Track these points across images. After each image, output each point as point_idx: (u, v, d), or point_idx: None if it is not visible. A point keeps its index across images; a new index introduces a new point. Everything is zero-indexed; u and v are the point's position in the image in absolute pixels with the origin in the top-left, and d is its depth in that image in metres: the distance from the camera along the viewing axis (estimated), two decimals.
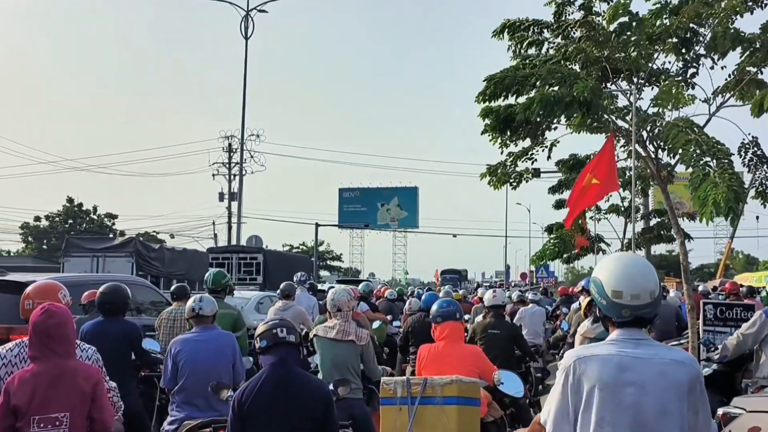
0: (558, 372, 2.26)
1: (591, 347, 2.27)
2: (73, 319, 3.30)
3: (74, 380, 3.10)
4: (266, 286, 19.96)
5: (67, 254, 17.27)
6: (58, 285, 3.87)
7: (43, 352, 3.11)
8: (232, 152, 35.09)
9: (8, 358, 3.42)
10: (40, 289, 3.80)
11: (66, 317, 3.21)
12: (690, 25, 9.40)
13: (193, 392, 4.48)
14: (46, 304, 3.23)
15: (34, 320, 3.15)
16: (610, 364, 2.16)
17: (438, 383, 4.05)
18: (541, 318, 11.72)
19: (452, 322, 4.71)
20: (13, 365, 3.38)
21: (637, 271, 2.23)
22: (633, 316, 2.21)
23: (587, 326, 5.87)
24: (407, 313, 10.34)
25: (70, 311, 3.41)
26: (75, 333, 3.31)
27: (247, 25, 29.24)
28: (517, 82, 9.51)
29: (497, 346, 6.40)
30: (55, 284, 3.89)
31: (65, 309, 3.29)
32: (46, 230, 58.78)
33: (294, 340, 3.30)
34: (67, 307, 3.83)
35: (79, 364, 3.24)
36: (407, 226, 62.93)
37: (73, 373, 3.12)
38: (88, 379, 3.15)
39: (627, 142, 12.56)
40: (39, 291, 3.78)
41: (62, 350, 3.13)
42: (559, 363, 2.28)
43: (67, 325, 3.19)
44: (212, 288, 6.45)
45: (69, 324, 3.21)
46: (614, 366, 2.16)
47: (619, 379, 2.14)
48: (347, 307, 5.08)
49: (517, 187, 12.63)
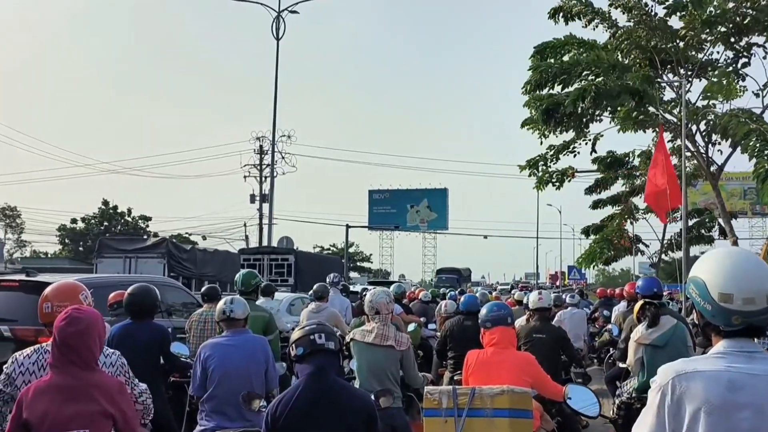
0: (651, 390, 1.88)
1: (693, 361, 1.88)
2: (100, 324, 2.96)
3: (94, 395, 2.78)
4: (298, 288, 19.78)
5: (100, 255, 17.34)
6: (78, 286, 3.57)
7: (62, 362, 2.81)
8: (263, 154, 35.08)
9: (26, 365, 3.17)
10: (59, 290, 3.51)
11: (90, 324, 2.88)
12: (745, 10, 8.93)
13: (223, 400, 4.19)
14: (70, 309, 2.92)
15: (57, 327, 2.86)
16: (720, 382, 1.79)
17: (487, 393, 3.70)
18: (582, 321, 11.29)
19: (503, 327, 4.36)
20: (31, 373, 3.12)
21: (750, 270, 1.84)
22: (745, 324, 1.83)
23: (642, 331, 5.45)
24: (442, 315, 10.00)
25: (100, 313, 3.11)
26: (101, 341, 2.96)
27: (279, 26, 29.17)
28: (564, 70, 9.15)
29: (543, 352, 6.00)
30: (75, 285, 3.59)
31: (91, 314, 2.96)
32: (83, 232, 59.75)
33: (333, 347, 2.98)
34: None
35: (101, 378, 2.90)
36: (437, 227, 62.40)
37: (94, 388, 2.80)
38: (109, 393, 2.83)
39: (674, 136, 12.06)
40: (58, 293, 3.49)
41: (83, 361, 2.82)
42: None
43: (89, 334, 2.86)
44: (242, 289, 6.23)
45: (92, 332, 2.88)
46: (724, 385, 1.78)
47: (731, 401, 1.76)
48: (386, 309, 4.76)
49: (560, 187, 12.23)
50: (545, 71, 9.53)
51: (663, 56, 9.78)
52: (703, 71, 10.57)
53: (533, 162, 12.21)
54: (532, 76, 9.37)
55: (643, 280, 6.41)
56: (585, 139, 11.47)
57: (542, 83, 9.76)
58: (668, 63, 10.08)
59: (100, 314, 3.04)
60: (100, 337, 2.93)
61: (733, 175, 38.07)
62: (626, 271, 63.04)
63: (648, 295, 5.86)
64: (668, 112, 10.78)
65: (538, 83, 9.39)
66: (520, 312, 10.26)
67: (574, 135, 11.18)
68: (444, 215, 60.28)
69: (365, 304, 4.86)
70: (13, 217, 61.17)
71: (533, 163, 12.18)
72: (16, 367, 3.18)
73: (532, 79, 9.47)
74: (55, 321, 2.92)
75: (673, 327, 5.37)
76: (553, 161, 12.07)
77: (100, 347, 2.95)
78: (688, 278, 1.95)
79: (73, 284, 3.59)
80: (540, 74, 9.53)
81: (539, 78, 9.41)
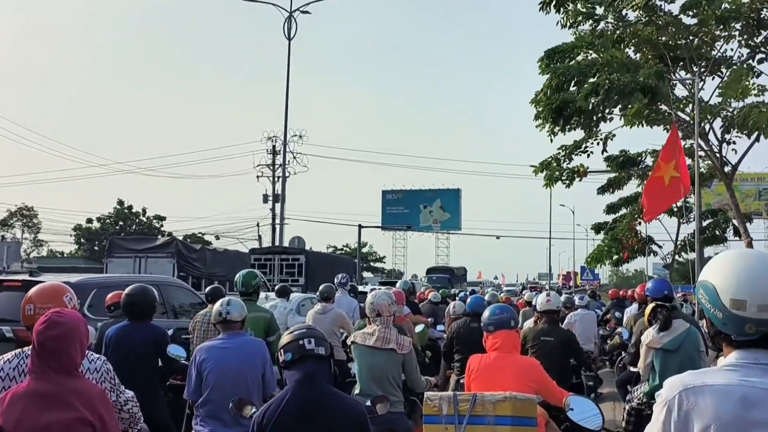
0: (657, 405, 1.74)
1: (702, 374, 1.72)
2: (82, 328, 2.82)
3: (73, 402, 2.65)
4: (308, 288, 19.70)
5: (111, 255, 17.36)
6: (62, 287, 3.44)
7: (41, 367, 2.68)
8: (275, 154, 35.06)
9: (5, 370, 3.04)
10: (41, 292, 3.38)
11: (70, 328, 2.74)
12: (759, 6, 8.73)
13: (219, 405, 4.06)
14: (50, 313, 2.79)
15: (36, 330, 2.73)
16: (731, 397, 1.63)
17: (489, 400, 3.57)
18: (592, 323, 11.07)
19: (506, 330, 4.21)
20: (11, 379, 3.00)
21: (766, 273, 1.68)
22: (760, 333, 1.67)
23: (653, 335, 5.30)
24: (451, 316, 9.86)
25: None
26: (82, 346, 2.81)
27: (290, 26, 29.13)
28: (581, 71, 8.99)
29: (551, 355, 5.85)
30: (59, 286, 3.45)
31: (72, 318, 2.81)
32: (98, 232, 60.16)
33: (323, 352, 2.84)
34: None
35: (81, 384, 2.77)
36: (450, 227, 62.20)
37: (73, 394, 2.67)
38: (90, 401, 2.69)
39: (687, 135, 11.84)
40: (41, 294, 3.36)
41: (62, 367, 2.68)
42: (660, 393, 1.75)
43: (69, 338, 2.72)
44: (243, 290, 6.14)
45: (73, 336, 2.74)
46: (737, 400, 1.62)
47: (745, 419, 1.61)
48: (387, 311, 4.63)
49: (570, 185, 12.07)
50: (564, 74, 9.35)
51: (676, 53, 9.59)
52: (717, 68, 10.36)
53: (546, 163, 12.05)
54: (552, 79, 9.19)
55: (652, 282, 6.24)
56: (596, 139, 11.28)
57: (560, 87, 9.58)
58: (680, 60, 9.89)
59: (82, 318, 2.91)
60: (82, 342, 2.80)
61: (748, 176, 37.57)
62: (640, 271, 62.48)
63: (658, 297, 5.71)
64: (680, 110, 10.57)
65: (558, 87, 9.20)
66: (530, 314, 10.11)
67: (584, 134, 11.00)
68: (457, 215, 60.07)
69: (366, 306, 4.74)
70: (30, 216, 61.69)
71: (546, 164, 12.02)
72: None
73: (553, 83, 9.28)
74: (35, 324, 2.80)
75: (686, 331, 5.21)
76: (566, 161, 11.91)
77: (81, 352, 2.81)
78: (698, 282, 1.79)
79: (57, 285, 3.48)
80: (559, 77, 9.35)
81: (558, 81, 9.22)
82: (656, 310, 5.37)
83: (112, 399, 3.24)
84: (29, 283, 6.71)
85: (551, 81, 9.33)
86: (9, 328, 6.27)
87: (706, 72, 10.06)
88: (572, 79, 9.36)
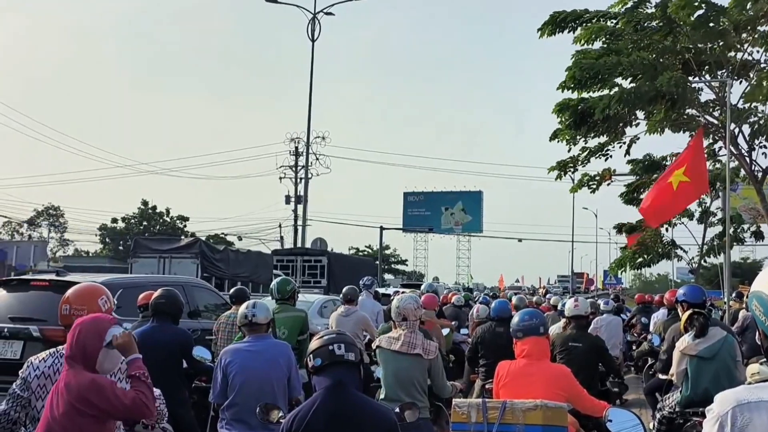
0: (707, 420, 1.66)
1: (757, 389, 1.63)
2: (102, 331, 2.93)
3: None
4: (330, 290, 19.71)
5: (136, 255, 17.51)
6: (99, 289, 3.46)
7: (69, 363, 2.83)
8: (298, 155, 35.18)
9: (41, 369, 3.11)
10: (78, 293, 3.42)
11: (89, 333, 2.89)
12: None
13: (244, 409, 4.04)
14: (79, 321, 2.93)
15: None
16: None
17: (519, 408, 3.50)
18: (618, 328, 10.91)
19: (535, 337, 4.12)
20: (47, 377, 3.07)
21: None
22: None
23: (688, 341, 5.16)
24: (475, 320, 9.77)
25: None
26: (96, 347, 2.92)
27: (314, 27, 29.21)
28: (607, 69, 8.84)
29: (579, 361, 5.73)
30: (95, 288, 3.48)
31: (90, 322, 2.94)
32: (123, 232, 60.93)
33: (353, 358, 2.77)
34: (109, 314, 3.50)
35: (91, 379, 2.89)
36: (471, 230, 61.86)
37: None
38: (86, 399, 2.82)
39: (715, 139, 11.61)
40: (77, 295, 3.41)
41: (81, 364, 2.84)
42: (712, 408, 1.67)
43: (88, 340, 2.87)
44: (278, 297, 6.34)
45: (90, 338, 2.89)
46: None
47: None
48: (413, 316, 4.55)
49: (596, 190, 11.88)
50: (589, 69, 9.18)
51: (700, 58, 9.42)
52: (744, 72, 10.16)
53: (563, 164, 11.88)
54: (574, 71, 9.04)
55: (688, 288, 6.09)
56: (619, 142, 11.11)
57: (584, 82, 9.41)
58: (705, 64, 9.72)
59: (110, 319, 2.99)
60: (96, 344, 2.90)
61: None
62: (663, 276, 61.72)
63: (696, 303, 5.59)
64: (708, 113, 10.39)
65: (579, 81, 9.05)
66: (557, 318, 9.97)
67: (608, 138, 10.83)
68: (478, 218, 59.74)
69: (392, 310, 4.67)
70: (57, 216, 62.67)
71: (563, 164, 11.85)
72: (31, 371, 3.13)
73: (576, 74, 9.12)
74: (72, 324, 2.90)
75: (722, 339, 5.08)
76: (584, 164, 11.74)
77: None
78: (750, 292, 1.71)
79: (93, 287, 3.49)
80: (582, 71, 9.19)
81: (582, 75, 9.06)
82: (693, 317, 5.23)
83: None
84: (56, 283, 6.78)
85: (574, 75, 9.17)
86: (36, 327, 6.29)
87: (734, 75, 9.88)
88: (596, 75, 9.19)
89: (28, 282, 7.24)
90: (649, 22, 9.73)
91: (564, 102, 10.07)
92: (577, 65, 9.31)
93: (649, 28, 9.67)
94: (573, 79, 9.24)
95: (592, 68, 9.13)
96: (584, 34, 9.62)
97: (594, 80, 9.14)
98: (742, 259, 52.03)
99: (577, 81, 9.21)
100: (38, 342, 6.07)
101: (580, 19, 9.73)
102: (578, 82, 9.22)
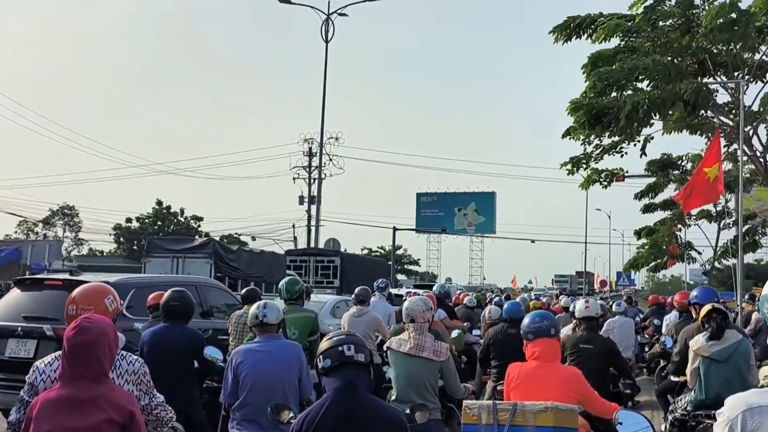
0: (717, 424, 1.65)
1: (766, 393, 1.66)
2: (111, 334, 2.81)
3: (101, 405, 2.64)
4: (343, 290, 19.72)
5: (149, 255, 17.60)
6: (105, 289, 3.47)
7: (71, 373, 2.68)
8: (311, 156, 35.26)
9: (47, 373, 3.09)
10: (85, 292, 3.42)
11: (100, 334, 2.73)
12: None
13: (255, 409, 4.04)
14: (81, 319, 2.78)
15: (66, 336, 2.73)
16: None
17: (530, 409, 3.48)
18: (631, 330, 10.85)
19: (546, 339, 4.09)
20: (53, 381, 3.01)
21: None
22: None
23: (702, 342, 5.11)
24: (487, 321, 9.75)
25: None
26: (111, 351, 2.80)
27: (328, 28, 29.26)
28: (626, 74, 8.84)
29: (590, 363, 5.69)
30: (101, 288, 3.48)
31: (101, 324, 2.80)
32: (137, 231, 61.32)
33: (363, 359, 2.76)
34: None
35: (111, 391, 2.74)
36: (484, 231, 61.69)
37: (101, 399, 2.66)
38: (119, 409, 2.67)
39: (730, 141, 11.51)
40: (84, 295, 3.41)
41: (91, 373, 2.67)
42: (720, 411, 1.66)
43: (98, 344, 2.71)
44: (287, 297, 6.32)
45: (102, 342, 2.73)
46: None
47: None
48: (422, 318, 4.54)
49: (607, 187, 11.84)
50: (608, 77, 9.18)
51: (716, 59, 9.36)
52: (762, 74, 10.09)
53: (576, 159, 11.84)
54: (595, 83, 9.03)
55: (701, 290, 6.04)
56: (634, 141, 11.06)
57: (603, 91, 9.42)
58: (722, 66, 9.65)
59: (111, 323, 2.92)
60: (111, 347, 2.79)
61: None
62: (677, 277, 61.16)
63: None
64: (723, 114, 10.32)
65: (600, 92, 9.05)
66: (568, 320, 9.92)
67: (622, 138, 10.80)
68: (491, 219, 59.57)
69: (402, 311, 4.68)
70: (72, 216, 63.19)
71: (576, 160, 11.81)
72: (37, 375, 3.11)
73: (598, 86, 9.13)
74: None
75: (737, 343, 5.01)
76: (598, 160, 11.71)
77: (111, 358, 2.80)
78: (762, 296, 1.70)
79: (100, 287, 3.50)
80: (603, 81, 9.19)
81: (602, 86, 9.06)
82: (711, 314, 5.14)
83: (144, 402, 3.27)
84: (70, 282, 6.83)
85: (594, 84, 9.16)
86: (50, 326, 6.34)
87: (750, 77, 9.81)
88: (616, 83, 9.19)
89: (42, 281, 7.32)
90: (667, 20, 9.67)
91: (578, 101, 10.04)
92: (595, 75, 9.30)
93: (666, 26, 9.63)
94: (593, 89, 9.24)
95: (611, 75, 9.12)
96: (603, 31, 9.58)
97: (613, 87, 9.15)
98: (756, 260, 51.57)
99: (597, 92, 9.24)
100: (51, 341, 6.12)
101: (595, 23, 9.70)
102: (598, 92, 9.25)
